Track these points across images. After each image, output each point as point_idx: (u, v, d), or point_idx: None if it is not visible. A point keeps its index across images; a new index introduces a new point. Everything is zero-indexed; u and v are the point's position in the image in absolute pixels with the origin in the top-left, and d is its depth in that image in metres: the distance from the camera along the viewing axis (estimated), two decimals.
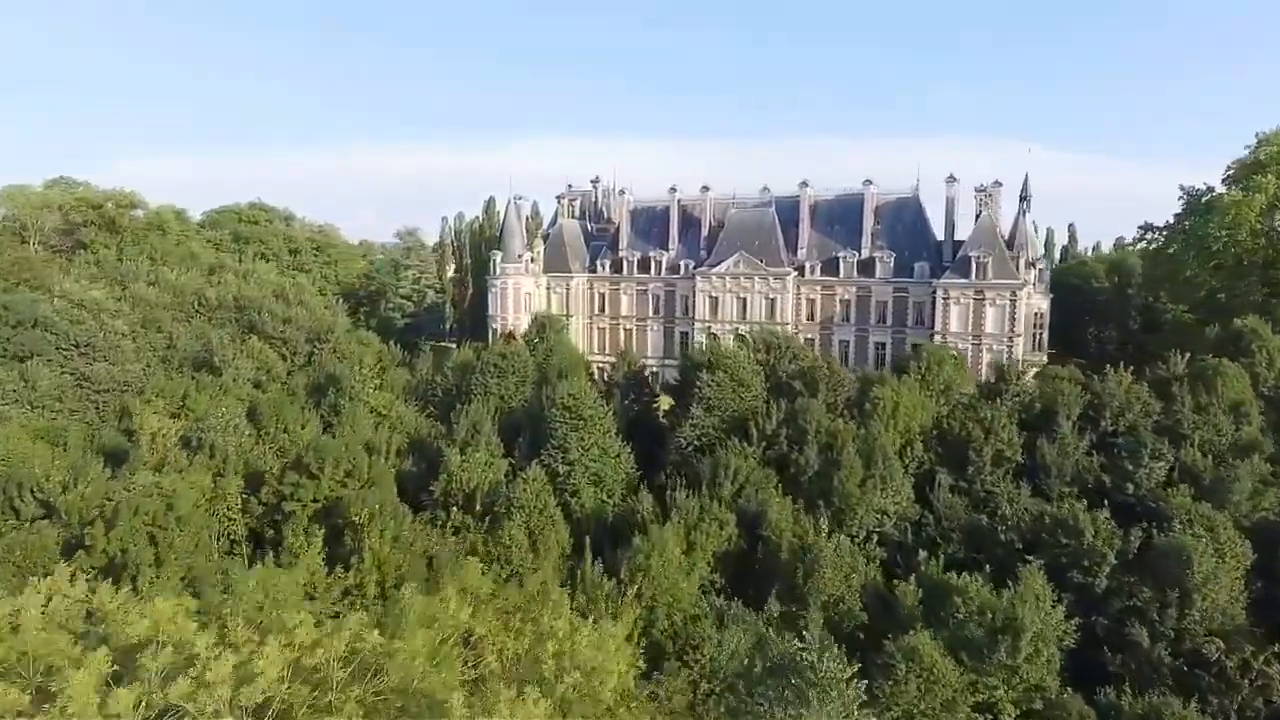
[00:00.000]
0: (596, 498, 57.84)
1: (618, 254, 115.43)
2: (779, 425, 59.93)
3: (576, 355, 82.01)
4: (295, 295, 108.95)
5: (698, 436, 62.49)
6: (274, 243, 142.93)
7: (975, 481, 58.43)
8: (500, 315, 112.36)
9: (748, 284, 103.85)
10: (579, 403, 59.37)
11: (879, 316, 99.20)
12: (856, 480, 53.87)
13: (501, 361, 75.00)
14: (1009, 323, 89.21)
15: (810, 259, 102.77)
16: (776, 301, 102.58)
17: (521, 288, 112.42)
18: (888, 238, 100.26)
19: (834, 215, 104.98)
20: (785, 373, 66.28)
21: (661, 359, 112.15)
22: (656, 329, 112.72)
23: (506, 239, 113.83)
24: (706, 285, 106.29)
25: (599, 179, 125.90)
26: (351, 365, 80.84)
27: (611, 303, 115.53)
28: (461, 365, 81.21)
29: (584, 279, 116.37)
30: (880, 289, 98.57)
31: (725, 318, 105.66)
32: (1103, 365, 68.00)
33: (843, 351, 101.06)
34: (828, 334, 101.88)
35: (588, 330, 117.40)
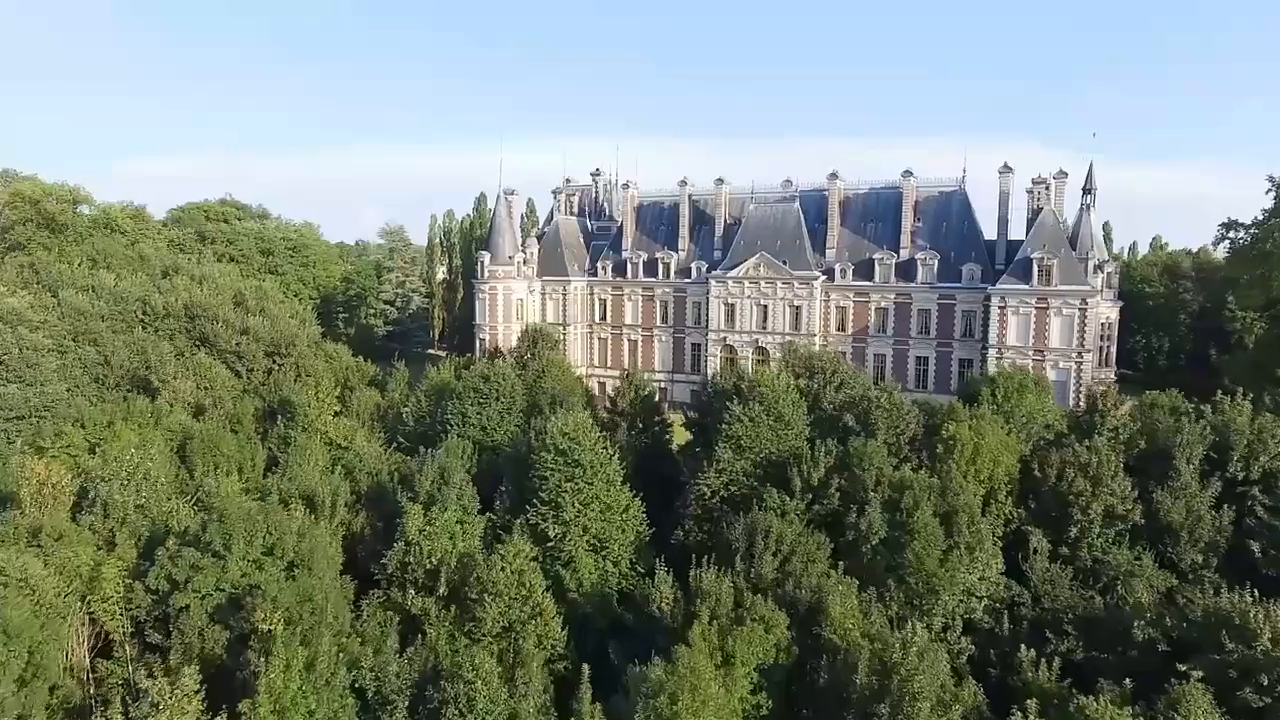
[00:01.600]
0: (598, 568, 45.32)
1: (621, 255, 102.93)
2: (828, 473, 47.41)
3: (573, 378, 69.58)
4: (257, 302, 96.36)
5: (725, 484, 49.95)
6: (244, 243, 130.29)
7: (1080, 546, 46.00)
8: (488, 324, 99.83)
9: (769, 289, 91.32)
10: (576, 445, 46.84)
11: (921, 327, 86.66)
12: (937, 551, 41.37)
13: (483, 385, 62.47)
14: (1078, 336, 76.69)
15: (840, 261, 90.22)
16: (802, 309, 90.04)
17: (512, 293, 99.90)
18: (930, 237, 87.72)
19: (867, 211, 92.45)
20: (832, 403, 53.69)
21: (670, 374, 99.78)
22: (665, 340, 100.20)
23: (495, 238, 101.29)
24: (722, 291, 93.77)
25: (599, 171, 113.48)
26: (310, 386, 68.26)
27: (614, 310, 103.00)
28: (438, 388, 68.72)
29: (583, 283, 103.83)
30: (922, 296, 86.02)
31: (743, 328, 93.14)
32: (1163, 383, 56.08)
33: (878, 367, 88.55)
34: (861, 347, 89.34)
35: (587, 340, 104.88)
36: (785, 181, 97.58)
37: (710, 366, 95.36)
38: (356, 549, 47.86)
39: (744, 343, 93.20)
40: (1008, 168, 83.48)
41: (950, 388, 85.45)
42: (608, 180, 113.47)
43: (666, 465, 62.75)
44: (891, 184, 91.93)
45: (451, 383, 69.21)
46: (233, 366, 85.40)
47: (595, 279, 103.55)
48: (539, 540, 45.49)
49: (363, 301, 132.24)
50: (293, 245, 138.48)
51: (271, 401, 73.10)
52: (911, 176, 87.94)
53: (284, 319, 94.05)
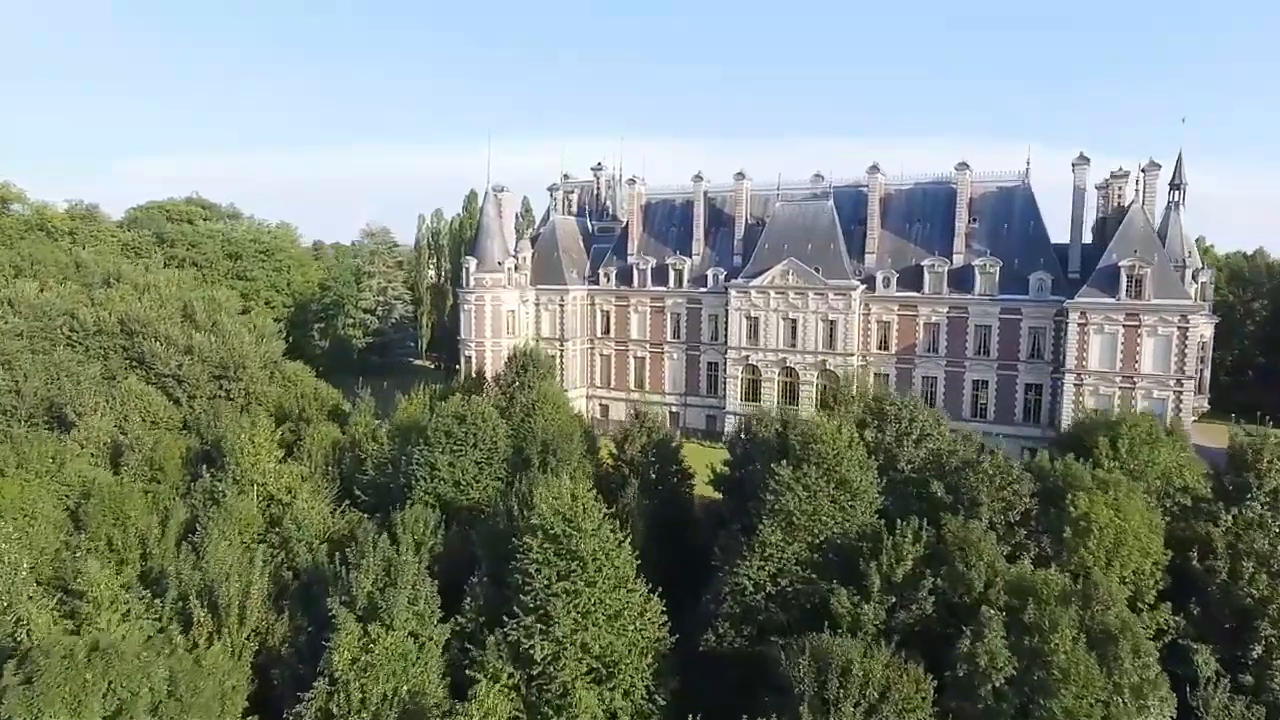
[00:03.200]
0: (602, 705, 32.70)
1: (626, 260, 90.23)
2: (917, 566, 34.80)
3: (569, 415, 56.82)
4: (207, 314, 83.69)
5: (772, 576, 37.30)
6: (207, 246, 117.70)
7: (1270, 669, 33.40)
8: (474, 340, 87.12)
9: (799, 300, 78.59)
10: (574, 531, 34.22)
11: (979, 346, 73.92)
12: (1090, 698, 28.78)
13: (458, 428, 49.80)
14: (1176, 359, 63.96)
15: (882, 268, 77.50)
16: (838, 324, 77.30)
17: (502, 304, 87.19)
18: (989, 240, 74.99)
19: (912, 210, 79.70)
20: (911, 462, 40.98)
21: (683, 396, 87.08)
22: (676, 358, 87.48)
23: (482, 241, 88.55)
24: (743, 302, 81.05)
25: (601, 166, 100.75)
26: (246, 425, 55.55)
27: (618, 323, 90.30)
28: (405, 426, 56.12)
29: (583, 292, 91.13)
30: (981, 309, 73.29)
31: (768, 345, 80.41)
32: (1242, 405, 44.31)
33: (927, 391, 75.83)
34: (907, 369, 76.61)
35: (587, 357, 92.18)
36: (815, 176, 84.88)
37: (730, 389, 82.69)
38: (271, 673, 35.36)
39: (769, 362, 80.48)
40: (1084, 158, 70.73)
41: (1014, 418, 72.92)
42: (610, 176, 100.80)
43: (689, 531, 50.34)
44: (941, 178, 79.21)
45: (423, 418, 56.69)
46: (172, 393, 73.01)
47: (596, 287, 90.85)
48: (522, 662, 32.92)
49: (340, 310, 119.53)
50: (264, 248, 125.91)
51: (207, 441, 60.65)
52: (967, 169, 75.20)
53: (238, 335, 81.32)
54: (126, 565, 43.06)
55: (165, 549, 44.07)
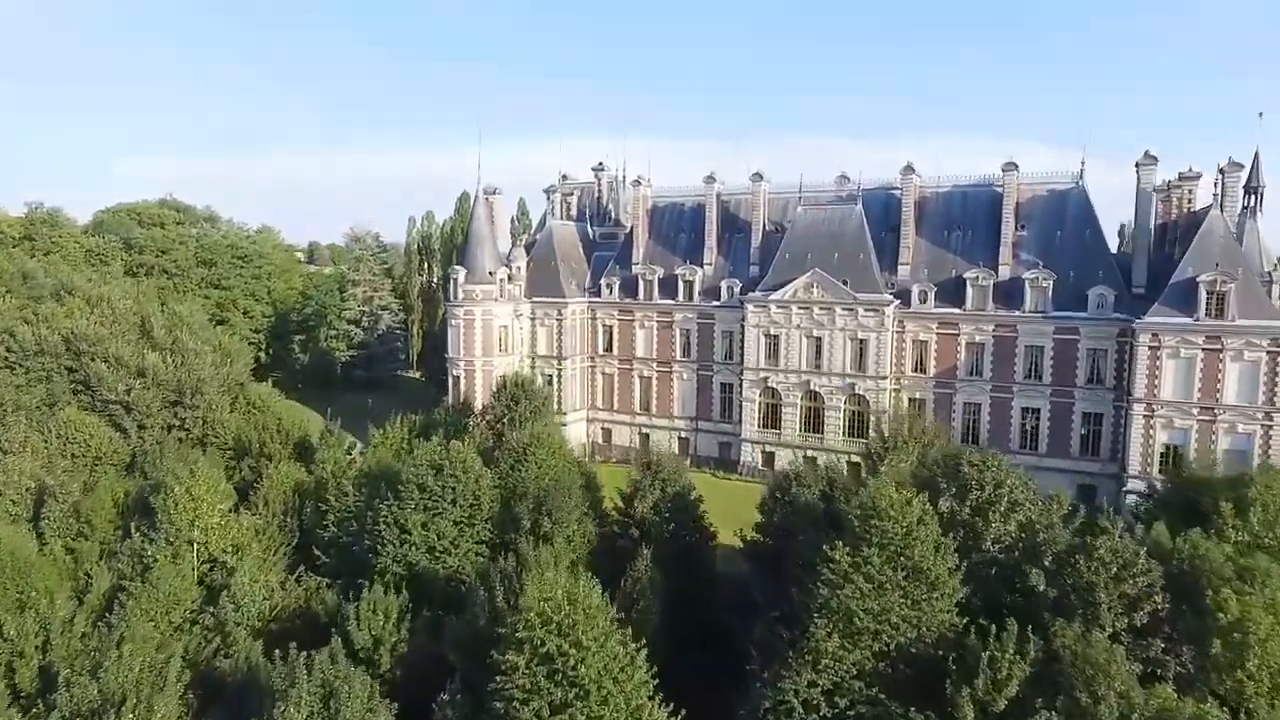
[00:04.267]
0: None
1: (631, 270, 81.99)
2: (1021, 696, 26.51)
3: (567, 462, 48.11)
4: (167, 331, 75.48)
5: (827, 694, 28.98)
6: (179, 252, 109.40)
7: None
8: (463, 358, 78.85)
9: (824, 317, 70.34)
10: (573, 648, 25.92)
11: (1029, 369, 65.67)
12: None
13: (433, 481, 41.50)
14: (1265, 389, 55.68)
15: (918, 280, 69.26)
16: (869, 343, 69.03)
17: (494, 319, 78.92)
18: (1039, 249, 66.75)
19: (951, 216, 71.46)
20: (999, 540, 32.60)
21: (694, 420, 78.83)
22: (686, 378, 79.20)
23: (472, 249, 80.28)
24: (762, 318, 72.79)
25: (603, 166, 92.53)
26: (185, 473, 47.19)
27: (622, 339, 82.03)
28: (375, 473, 47.76)
29: (583, 305, 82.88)
30: (1032, 327, 65.06)
31: (789, 365, 72.13)
32: None
33: (970, 420, 67.68)
34: (946, 394, 68.34)
35: (587, 377, 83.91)
36: (840, 177, 76.66)
37: (746, 415, 74.41)
38: None
39: (791, 385, 72.21)
40: (1150, 158, 62.48)
41: (1069, 450, 64.69)
42: (612, 177, 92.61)
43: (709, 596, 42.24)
44: (983, 180, 71.04)
45: (398, 459, 48.36)
46: (120, 423, 64.73)
47: (598, 300, 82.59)
48: None
49: (322, 321, 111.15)
50: (242, 254, 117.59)
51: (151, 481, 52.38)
52: (1015, 170, 66.95)
53: (200, 355, 73.04)
54: (21, 665, 34.76)
55: (70, 641, 35.72)
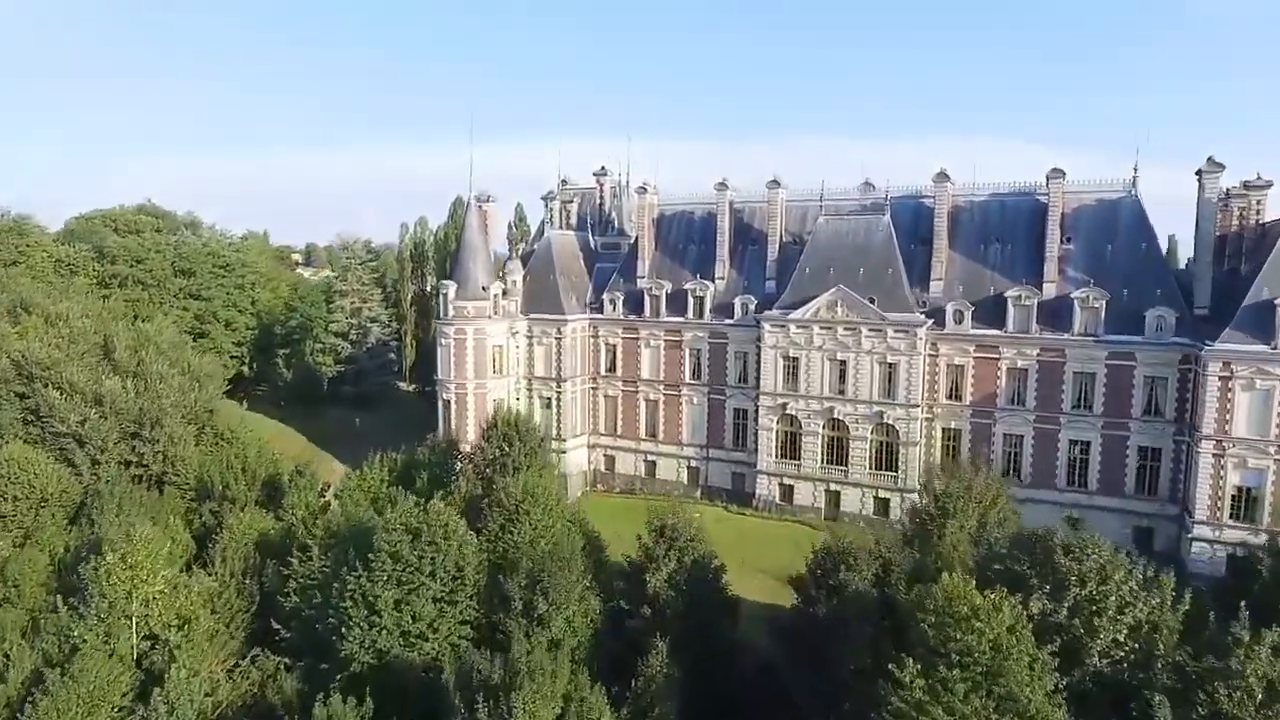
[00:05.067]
0: None
1: (636, 283, 75.66)
2: None
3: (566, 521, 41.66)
4: (131, 352, 69.25)
5: None
6: (154, 261, 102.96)
7: None
8: (454, 381, 72.50)
9: (849, 338, 64.00)
10: None
11: (1078, 398, 59.30)
12: None
13: (409, 550, 35.17)
14: None
15: (952, 298, 62.92)
16: (898, 368, 62.68)
17: (487, 338, 72.57)
18: (1088, 265, 60.41)
19: (988, 227, 65.09)
20: (1105, 651, 26.14)
21: (704, 449, 72.52)
22: (696, 402, 72.82)
23: (464, 261, 73.95)
24: (780, 338, 66.46)
25: (605, 171, 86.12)
26: (121, 535, 41.03)
27: (627, 359, 75.67)
28: (343, 533, 41.39)
29: (584, 322, 76.53)
30: (1082, 352, 58.71)
31: (810, 391, 65.79)
32: None
33: (1012, 453, 61.39)
34: (984, 424, 61.98)
35: (589, 400, 77.56)
36: (865, 184, 70.28)
37: (763, 443, 68.05)
38: None
39: (812, 412, 65.87)
40: (1216, 164, 56.03)
41: (1122, 488, 58.39)
42: (615, 182, 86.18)
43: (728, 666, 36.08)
44: (1023, 188, 64.73)
45: (371, 513, 41.98)
46: (71, 457, 58.50)
47: (600, 317, 76.24)
48: None
49: (307, 334, 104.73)
50: (224, 263, 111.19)
51: (89, 541, 46.12)
52: (1061, 177, 60.57)
53: (167, 378, 66.82)
54: None
55: None
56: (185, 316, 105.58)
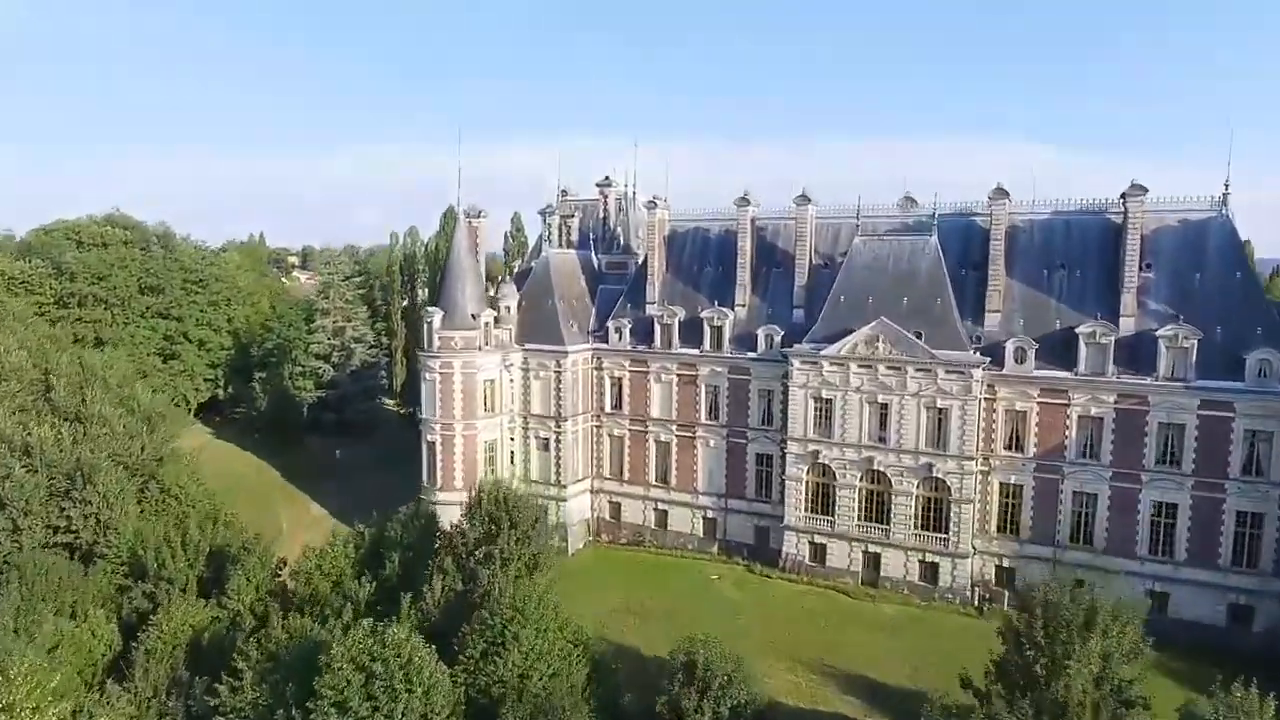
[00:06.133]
0: None
1: (645, 310, 67.31)
2: None
3: (565, 643, 33.09)
4: (72, 391, 60.99)
5: None
6: (117, 278, 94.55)
7: None
8: (439, 421, 64.15)
9: (892, 378, 55.59)
10: None
11: (1163, 452, 50.86)
12: None
13: (357, 696, 26.74)
14: None
15: (1011, 333, 54.54)
16: (950, 413, 54.25)
17: (477, 371, 64.20)
18: (1171, 296, 52.03)
19: (1052, 251, 56.65)
20: None
21: (722, 498, 64.13)
22: (714, 445, 64.41)
23: (451, 285, 65.60)
24: (811, 376, 58.06)
25: (610, 181, 77.77)
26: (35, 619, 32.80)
27: (635, 394, 67.25)
28: (283, 656, 32.97)
29: (586, 353, 68.11)
30: (1168, 400, 50.25)
31: (847, 437, 57.39)
32: None
33: (1083, 515, 52.98)
34: (1050, 480, 53.52)
35: (591, 440, 69.15)
36: (905, 199, 61.87)
37: (791, 495, 59.70)
38: None
39: (848, 462, 57.48)
40: None
41: (1216, 559, 49.99)
42: (621, 193, 77.81)
43: None
44: (1092, 206, 56.37)
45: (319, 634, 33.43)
46: None
47: (605, 347, 67.83)
48: None
49: (285, 357, 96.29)
50: (197, 278, 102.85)
51: None
52: (1142, 194, 52.12)
53: (109, 420, 58.58)
54: None
55: None
56: (153, 337, 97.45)
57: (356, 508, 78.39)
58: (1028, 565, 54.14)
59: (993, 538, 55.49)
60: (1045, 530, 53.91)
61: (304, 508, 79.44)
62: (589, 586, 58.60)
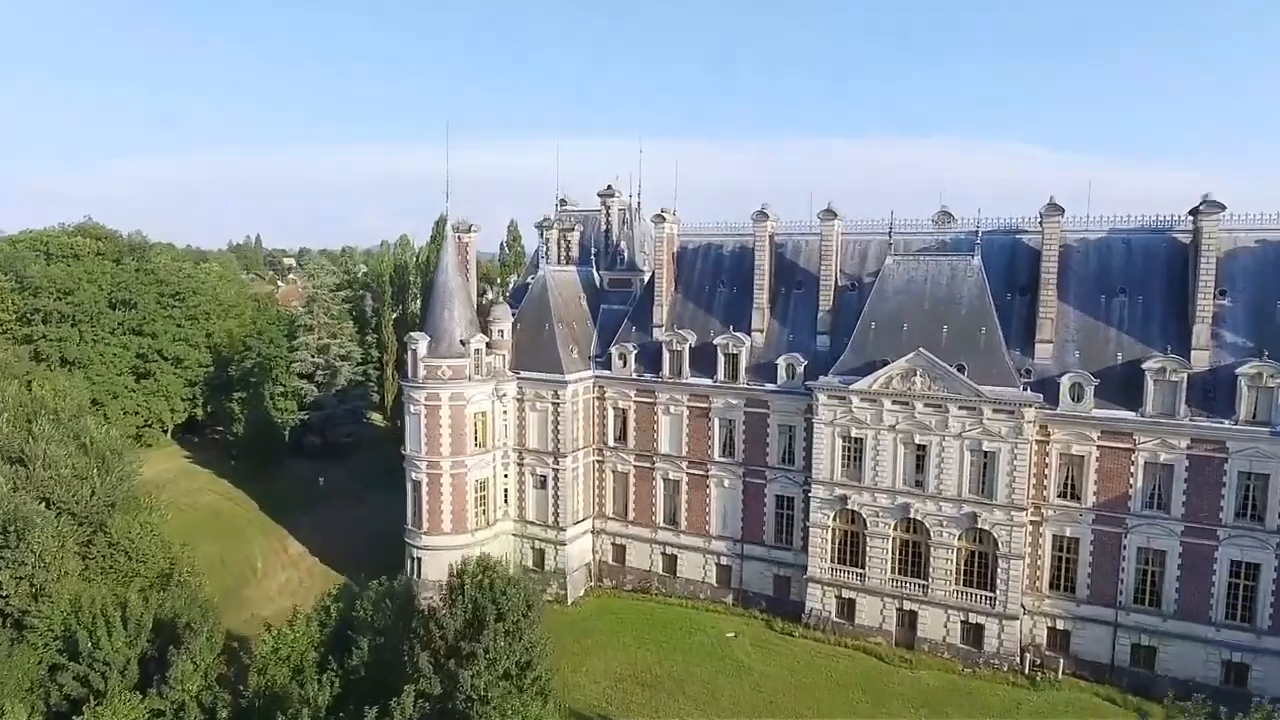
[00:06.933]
0: None
1: (651, 334, 61.29)
2: None
3: None
4: (19, 425, 54.97)
5: None
6: (87, 292, 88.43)
7: None
8: (425, 458, 58.09)
9: (931, 416, 49.51)
10: None
11: (1242, 505, 44.82)
12: None
13: None
14: None
15: (1066, 366, 48.51)
16: (998, 458, 48.16)
17: (467, 403, 58.17)
18: (1252, 327, 46.01)
19: (1109, 273, 50.58)
20: None
21: (738, 543, 58.13)
22: (729, 485, 58.32)
23: (438, 308, 59.53)
24: (839, 412, 51.98)
25: (613, 191, 71.69)
26: None
27: (640, 427, 61.15)
28: None
29: (587, 381, 62.00)
30: (1249, 447, 44.21)
31: (880, 482, 51.32)
32: None
33: (1149, 574, 46.90)
34: (1112, 534, 47.42)
35: (593, 476, 63.10)
36: (942, 213, 55.82)
37: (815, 544, 53.64)
38: None
39: (881, 509, 51.40)
40: None
41: None
42: (625, 204, 71.73)
43: None
44: (1155, 224, 50.32)
45: None
46: None
47: (608, 375, 61.73)
48: None
49: (266, 376, 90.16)
50: (173, 291, 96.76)
51: None
52: (1218, 210, 46.05)
53: (55, 462, 52.51)
54: None
55: None
56: (124, 356, 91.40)
57: (340, 543, 72.54)
58: (1085, 628, 48.24)
59: (1045, 596, 49.42)
60: (1105, 590, 47.84)
61: (281, 543, 73.32)
62: (591, 646, 52.62)
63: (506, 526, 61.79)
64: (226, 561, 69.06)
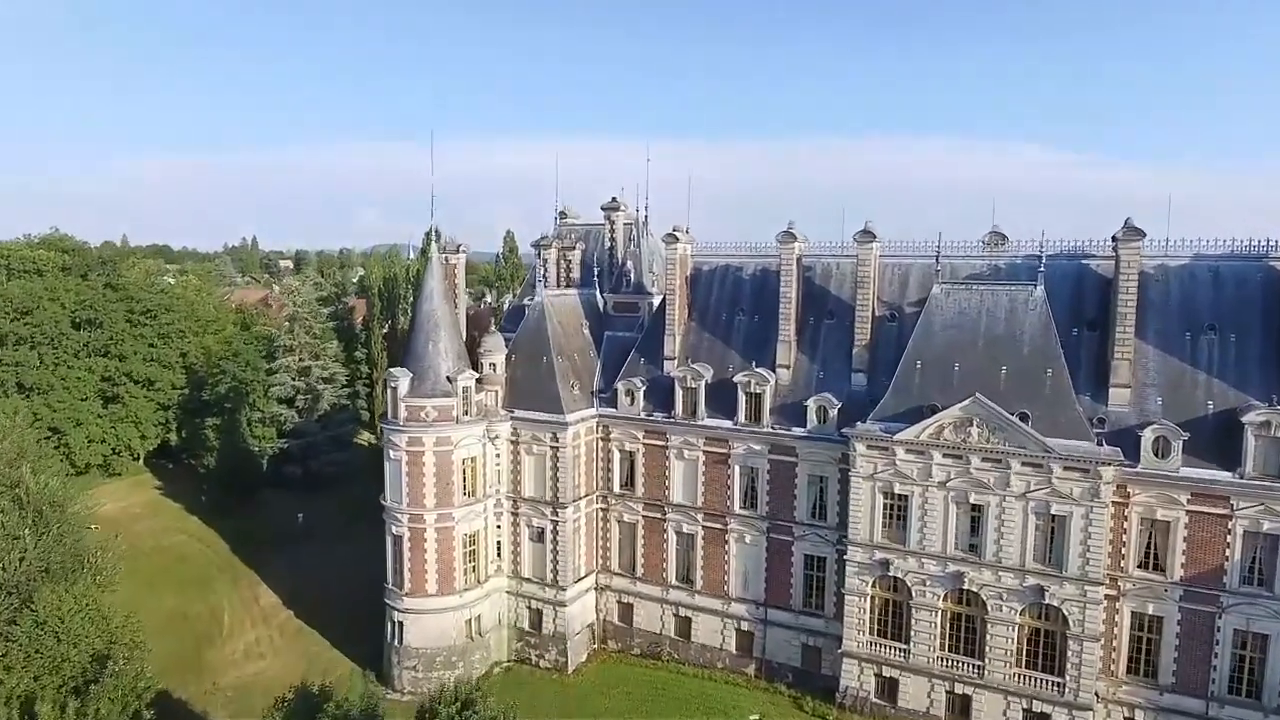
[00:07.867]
0: None
1: (662, 366, 54.50)
2: None
3: None
4: None
5: None
6: (48, 312, 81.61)
7: None
8: (407, 510, 51.35)
9: (990, 473, 42.70)
10: None
11: None
12: None
13: None
14: None
15: (1145, 414, 41.74)
16: (1069, 522, 41.34)
17: (454, 448, 51.37)
18: None
19: (1195, 307, 43.80)
20: None
21: (761, 606, 51.29)
22: (751, 541, 51.49)
23: (420, 341, 52.73)
24: (880, 465, 45.18)
25: (617, 204, 64.92)
26: None
27: (650, 472, 54.32)
28: None
29: (590, 422, 55.12)
30: None
31: (929, 546, 44.52)
32: None
33: (1248, 660, 40.13)
34: (1205, 613, 40.65)
35: (597, 525, 56.31)
36: (992, 234, 49.05)
37: (852, 612, 46.83)
38: None
39: (928, 577, 44.61)
40: None
41: None
42: (631, 217, 64.97)
43: None
44: (1247, 250, 43.47)
45: None
46: None
47: (613, 413, 54.89)
48: None
49: (242, 402, 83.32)
50: (145, 309, 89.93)
51: None
52: None
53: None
54: None
55: None
56: (89, 379, 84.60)
57: (318, 591, 65.43)
58: None
59: (1121, 683, 42.64)
60: (1194, 677, 41.06)
61: (253, 593, 66.56)
62: None
63: (499, 584, 55.00)
64: (189, 615, 62.38)
